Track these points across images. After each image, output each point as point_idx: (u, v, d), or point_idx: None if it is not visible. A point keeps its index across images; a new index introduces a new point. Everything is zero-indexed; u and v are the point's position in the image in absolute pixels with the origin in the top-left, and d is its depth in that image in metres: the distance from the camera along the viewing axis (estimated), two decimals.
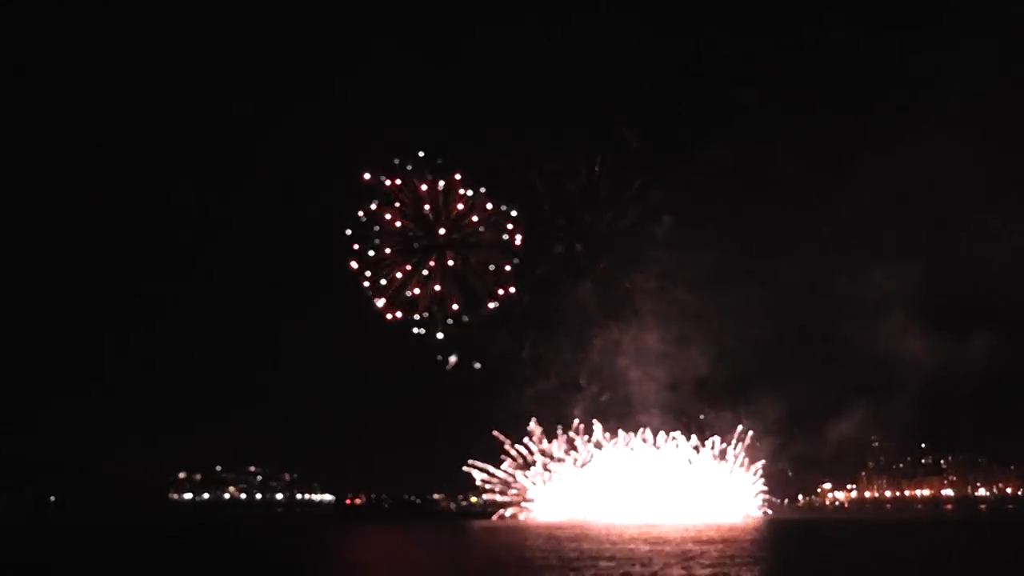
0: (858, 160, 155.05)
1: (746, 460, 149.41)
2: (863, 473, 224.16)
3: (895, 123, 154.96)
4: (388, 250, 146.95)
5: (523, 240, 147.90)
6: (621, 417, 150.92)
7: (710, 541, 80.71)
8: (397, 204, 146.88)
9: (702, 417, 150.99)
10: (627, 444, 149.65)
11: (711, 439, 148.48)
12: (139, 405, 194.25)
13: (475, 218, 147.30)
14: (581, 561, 58.99)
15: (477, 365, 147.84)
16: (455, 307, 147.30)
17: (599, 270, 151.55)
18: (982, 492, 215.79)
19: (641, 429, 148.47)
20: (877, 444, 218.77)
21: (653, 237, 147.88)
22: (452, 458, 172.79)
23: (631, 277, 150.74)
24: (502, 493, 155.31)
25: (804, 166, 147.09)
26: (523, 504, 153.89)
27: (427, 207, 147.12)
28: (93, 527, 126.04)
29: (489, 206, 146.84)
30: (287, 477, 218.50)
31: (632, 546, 73.82)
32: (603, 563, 57.00)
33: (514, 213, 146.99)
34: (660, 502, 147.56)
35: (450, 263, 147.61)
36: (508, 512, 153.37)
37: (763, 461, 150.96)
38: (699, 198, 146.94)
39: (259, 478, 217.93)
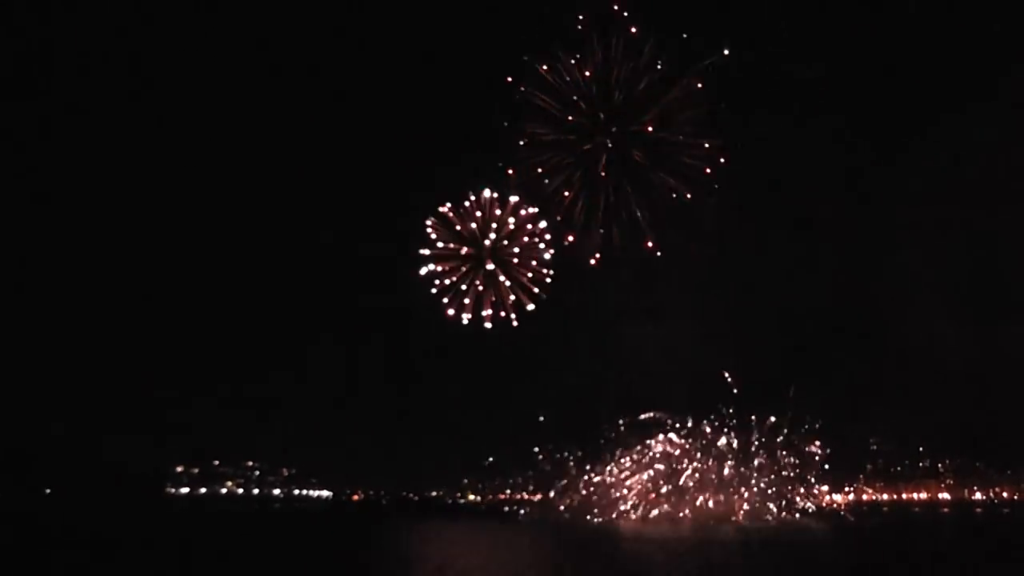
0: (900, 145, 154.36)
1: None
2: (860, 476, 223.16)
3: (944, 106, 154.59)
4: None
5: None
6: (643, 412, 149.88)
7: None
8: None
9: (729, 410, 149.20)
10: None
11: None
12: (137, 398, 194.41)
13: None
14: None
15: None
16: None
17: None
18: (978, 496, 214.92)
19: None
20: (875, 447, 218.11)
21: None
22: (448, 455, 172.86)
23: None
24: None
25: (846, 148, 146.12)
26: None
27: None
28: None
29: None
30: (285, 472, 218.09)
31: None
32: None
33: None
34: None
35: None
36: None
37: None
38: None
39: (256, 473, 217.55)
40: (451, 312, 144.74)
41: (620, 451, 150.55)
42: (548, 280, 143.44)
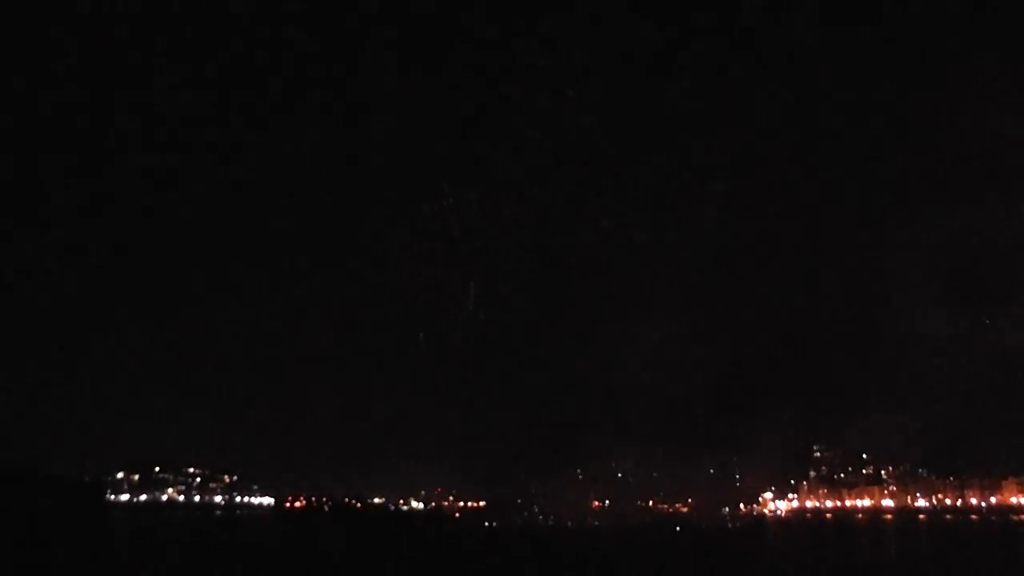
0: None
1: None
2: (804, 483, 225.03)
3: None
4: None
5: None
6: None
7: None
8: None
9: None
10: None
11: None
12: (79, 403, 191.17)
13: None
14: None
15: None
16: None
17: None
18: (921, 503, 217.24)
19: None
20: (819, 454, 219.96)
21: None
22: (389, 460, 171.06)
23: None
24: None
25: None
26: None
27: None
28: None
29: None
30: (227, 479, 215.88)
31: None
32: None
33: None
34: None
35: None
36: None
37: None
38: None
39: (198, 480, 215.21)
40: (420, 315, 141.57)
41: (576, 460, 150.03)
42: (526, 283, 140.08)
